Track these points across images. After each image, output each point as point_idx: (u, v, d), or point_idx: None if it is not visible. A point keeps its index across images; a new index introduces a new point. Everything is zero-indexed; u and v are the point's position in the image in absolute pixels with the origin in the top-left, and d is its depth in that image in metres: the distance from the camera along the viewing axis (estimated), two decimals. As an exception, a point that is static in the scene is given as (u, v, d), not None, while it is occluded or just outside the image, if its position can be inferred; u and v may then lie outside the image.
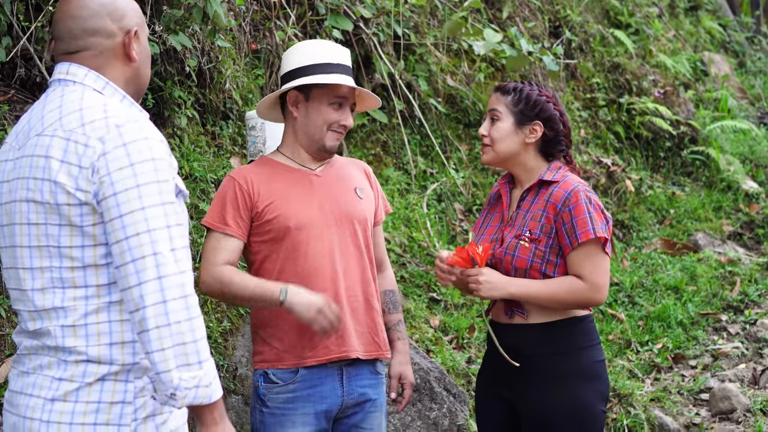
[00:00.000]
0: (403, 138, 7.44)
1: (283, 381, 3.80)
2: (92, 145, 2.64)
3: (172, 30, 5.14)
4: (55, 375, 2.69)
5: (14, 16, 4.68)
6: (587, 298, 3.78)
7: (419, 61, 7.93)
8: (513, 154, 3.92)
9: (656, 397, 6.55)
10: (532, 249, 3.79)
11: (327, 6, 6.92)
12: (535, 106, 3.91)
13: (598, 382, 3.87)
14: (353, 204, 3.93)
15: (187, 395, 2.60)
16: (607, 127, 9.82)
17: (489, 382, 4.00)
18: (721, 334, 7.46)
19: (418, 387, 5.37)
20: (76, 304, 2.68)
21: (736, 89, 12.29)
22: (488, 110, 3.97)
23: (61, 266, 2.69)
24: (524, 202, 3.90)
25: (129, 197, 2.61)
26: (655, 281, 7.96)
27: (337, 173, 3.99)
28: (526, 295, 3.78)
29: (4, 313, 4.23)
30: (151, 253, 2.59)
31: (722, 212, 9.50)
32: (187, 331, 2.59)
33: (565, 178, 3.87)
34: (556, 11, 10.22)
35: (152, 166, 2.65)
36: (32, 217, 2.70)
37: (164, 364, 2.58)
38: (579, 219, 3.75)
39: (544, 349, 3.82)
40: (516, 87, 3.94)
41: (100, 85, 2.80)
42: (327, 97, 3.88)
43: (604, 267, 3.81)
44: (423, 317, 6.33)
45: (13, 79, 4.89)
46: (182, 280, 2.61)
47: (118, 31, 2.84)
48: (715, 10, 14.31)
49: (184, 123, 5.49)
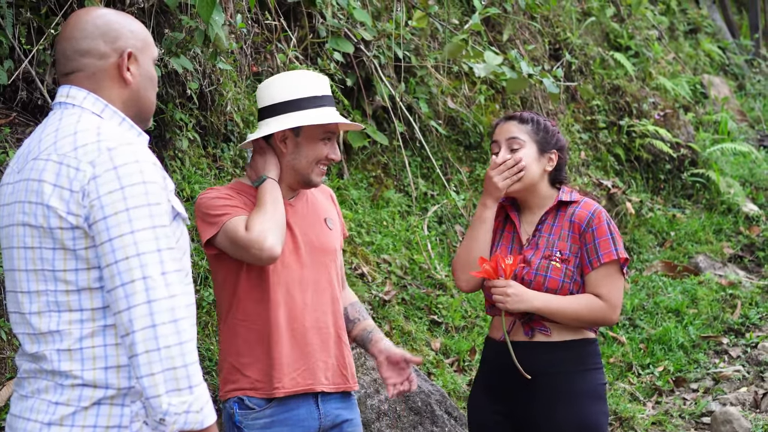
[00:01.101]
0: (403, 160, 7.44)
1: (259, 406, 3.73)
2: (83, 169, 2.63)
3: (174, 53, 5.15)
4: (52, 399, 2.68)
5: (16, 38, 4.69)
6: (604, 316, 3.88)
7: (420, 84, 7.94)
8: (535, 181, 3.97)
9: (658, 420, 6.53)
10: (563, 269, 3.86)
11: (328, 29, 6.93)
12: (554, 136, 4.02)
13: (603, 404, 3.95)
14: (324, 236, 3.91)
15: (177, 420, 2.59)
16: (608, 149, 9.83)
17: (487, 402, 4.01)
18: (723, 357, 7.45)
19: (419, 410, 5.35)
20: (71, 327, 2.68)
21: (735, 112, 12.31)
22: (504, 138, 3.98)
23: (56, 290, 2.68)
24: (545, 225, 3.96)
25: (119, 221, 2.60)
26: (656, 304, 7.95)
27: (308, 203, 3.95)
28: (550, 309, 3.84)
29: (4, 336, 4.22)
30: (141, 277, 2.58)
31: (723, 235, 9.50)
32: (177, 355, 2.58)
33: (584, 199, 3.98)
34: (556, 34, 10.25)
35: (143, 189, 2.64)
36: (28, 241, 2.70)
37: (154, 389, 2.57)
38: (602, 240, 3.86)
39: (557, 367, 3.87)
40: (533, 117, 4.02)
41: (99, 108, 2.80)
42: (318, 133, 3.84)
43: (621, 287, 3.93)
44: (424, 340, 6.32)
45: (14, 102, 4.89)
46: (172, 304, 2.60)
47: (111, 52, 2.83)
48: (715, 33, 14.35)
49: (185, 145, 5.49)
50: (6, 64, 4.66)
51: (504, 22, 9.42)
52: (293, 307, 3.76)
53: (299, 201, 3.93)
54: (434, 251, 7.21)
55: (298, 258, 3.81)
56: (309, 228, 3.87)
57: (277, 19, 6.63)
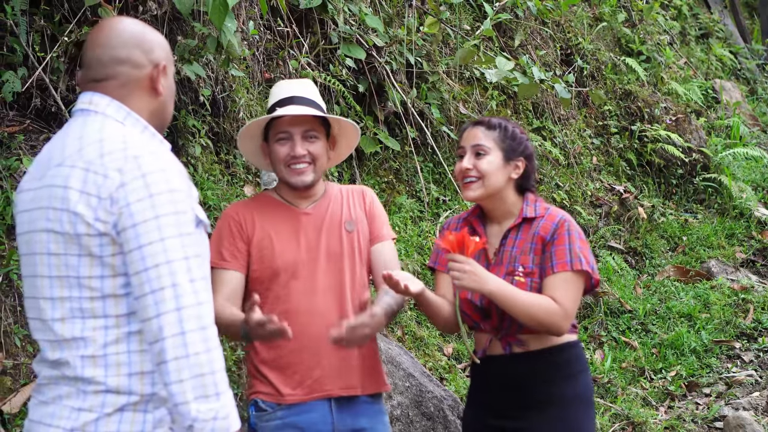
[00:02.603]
0: (415, 165, 7.45)
1: (271, 408, 3.78)
2: (111, 176, 2.65)
3: (186, 60, 5.17)
4: (75, 405, 2.69)
5: (30, 46, 4.71)
6: (555, 322, 3.73)
7: (431, 89, 7.95)
8: (499, 189, 3.89)
9: (670, 425, 6.52)
10: (528, 283, 3.78)
11: (340, 35, 6.95)
12: (521, 143, 3.93)
13: (592, 408, 3.91)
14: (340, 241, 3.90)
15: (204, 427, 2.60)
16: (619, 154, 9.82)
17: (479, 415, 3.97)
18: (735, 361, 7.43)
19: (431, 415, 5.36)
20: (96, 334, 2.69)
21: (747, 116, 12.28)
22: (470, 145, 3.91)
23: (80, 296, 2.69)
24: (508, 239, 3.89)
25: (148, 228, 2.61)
26: (669, 308, 7.94)
27: (328, 210, 3.95)
28: (503, 295, 3.68)
29: (19, 342, 4.24)
30: (170, 285, 2.60)
31: (735, 239, 9.48)
32: (206, 362, 2.60)
33: (548, 210, 3.89)
34: (567, 39, 10.25)
35: (170, 197, 2.65)
36: (52, 247, 2.71)
37: (182, 396, 2.58)
38: (558, 249, 3.77)
39: (542, 376, 3.83)
40: (501, 123, 3.94)
41: (121, 116, 2.81)
42: (273, 135, 3.88)
43: (575, 297, 3.79)
44: (436, 345, 6.32)
45: (28, 110, 4.91)
46: (200, 311, 2.62)
47: (147, 62, 2.86)
48: (726, 37, 14.33)
49: (198, 152, 5.51)
50: (20, 71, 4.69)
51: (515, 28, 9.42)
52: (307, 314, 3.78)
53: (318, 208, 3.94)
54: (446, 256, 7.21)
55: (312, 266, 3.82)
56: (324, 235, 3.88)
57: (289, 25, 6.65)
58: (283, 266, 3.80)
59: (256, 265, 3.82)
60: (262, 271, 3.81)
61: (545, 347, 3.83)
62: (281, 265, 3.80)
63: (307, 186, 3.88)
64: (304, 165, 3.84)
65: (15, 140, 4.70)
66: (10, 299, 4.35)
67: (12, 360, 4.23)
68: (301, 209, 3.91)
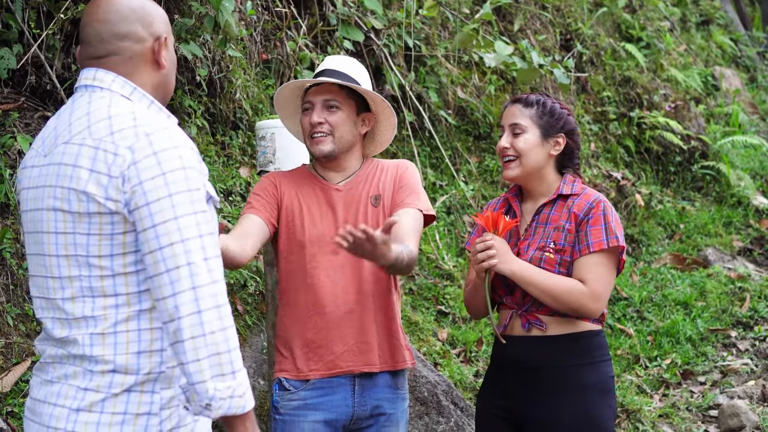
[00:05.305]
0: (412, 150, 7.43)
1: (294, 388, 3.80)
2: (122, 154, 2.61)
3: (183, 39, 5.14)
4: (81, 385, 2.66)
5: (25, 23, 4.68)
6: (583, 304, 3.73)
7: (430, 73, 7.92)
8: (539, 167, 3.88)
9: (665, 413, 6.52)
10: (557, 259, 3.77)
11: (338, 17, 6.92)
12: (560, 119, 3.90)
13: (610, 397, 3.85)
14: (366, 216, 3.86)
15: (221, 405, 2.58)
16: (618, 140, 9.80)
17: (492, 396, 3.96)
18: (731, 350, 7.43)
19: (425, 400, 5.35)
20: (107, 312, 2.66)
21: (747, 104, 12.26)
22: (508, 124, 3.90)
23: (90, 275, 2.66)
24: (541, 215, 3.87)
25: (162, 207, 2.58)
26: (665, 296, 7.93)
27: (359, 185, 3.91)
28: (527, 277, 3.71)
29: (11, 321, 4.22)
30: (185, 263, 2.57)
31: (732, 228, 9.47)
32: (222, 341, 2.57)
33: (585, 190, 3.87)
34: (567, 24, 10.21)
35: (183, 174, 2.62)
36: (60, 226, 2.67)
37: (199, 375, 2.56)
38: (594, 229, 3.74)
39: (559, 361, 3.79)
40: (539, 100, 3.91)
41: (127, 91, 2.77)
42: (302, 107, 3.91)
43: (609, 279, 3.78)
44: (431, 330, 6.31)
45: (23, 87, 4.88)
46: (215, 289, 2.59)
47: (147, 36, 2.82)
48: (727, 24, 14.29)
49: (194, 132, 5.49)
50: (15, 48, 4.65)
51: (515, 12, 9.39)
52: (331, 290, 3.78)
53: (350, 184, 3.90)
54: (442, 242, 7.20)
55: None
56: (351, 210, 3.85)
57: (287, 6, 6.62)
58: (309, 239, 3.80)
59: (284, 234, 3.83)
60: (290, 242, 3.82)
61: (564, 333, 3.80)
62: (308, 238, 3.80)
63: (326, 156, 3.85)
64: (321, 134, 3.82)
65: (9, 118, 4.67)
66: (2, 278, 4.32)
67: (4, 339, 4.21)
68: (333, 184, 3.90)
